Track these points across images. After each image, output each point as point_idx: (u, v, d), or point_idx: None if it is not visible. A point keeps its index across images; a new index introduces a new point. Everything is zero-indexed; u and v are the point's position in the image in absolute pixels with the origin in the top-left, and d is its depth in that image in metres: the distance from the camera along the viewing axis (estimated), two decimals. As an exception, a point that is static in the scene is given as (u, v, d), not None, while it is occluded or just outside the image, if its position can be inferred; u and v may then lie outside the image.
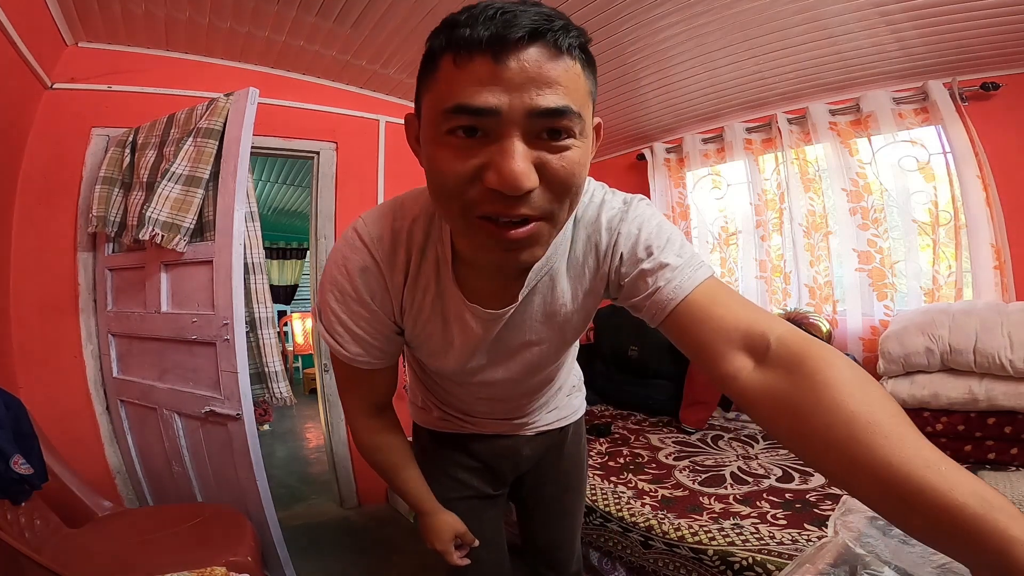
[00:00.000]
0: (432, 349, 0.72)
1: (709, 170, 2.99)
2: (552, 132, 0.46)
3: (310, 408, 4.71)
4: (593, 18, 1.89)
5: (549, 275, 0.66)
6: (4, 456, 1.25)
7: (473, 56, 0.43)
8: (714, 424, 2.33)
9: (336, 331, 0.66)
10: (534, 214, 0.48)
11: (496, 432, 0.93)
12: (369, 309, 0.65)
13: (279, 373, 1.94)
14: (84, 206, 1.98)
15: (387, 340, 0.69)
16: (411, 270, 0.65)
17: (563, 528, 1.06)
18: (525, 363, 0.75)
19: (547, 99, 0.44)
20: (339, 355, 0.68)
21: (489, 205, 0.47)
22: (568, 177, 0.47)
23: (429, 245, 0.64)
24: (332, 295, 0.65)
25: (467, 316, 0.66)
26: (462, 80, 0.44)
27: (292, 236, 6.78)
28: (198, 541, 1.39)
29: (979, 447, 1.70)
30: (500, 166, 0.44)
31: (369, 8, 1.89)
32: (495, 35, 0.42)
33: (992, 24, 1.85)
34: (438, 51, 0.47)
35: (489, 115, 0.44)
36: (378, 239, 0.63)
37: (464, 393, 0.86)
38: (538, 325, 0.70)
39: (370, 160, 2.69)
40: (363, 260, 0.63)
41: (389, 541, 2.24)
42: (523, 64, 0.43)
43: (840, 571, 0.74)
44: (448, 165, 0.47)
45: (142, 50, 2.12)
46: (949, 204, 2.19)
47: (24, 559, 1.07)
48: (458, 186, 0.47)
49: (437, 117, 0.47)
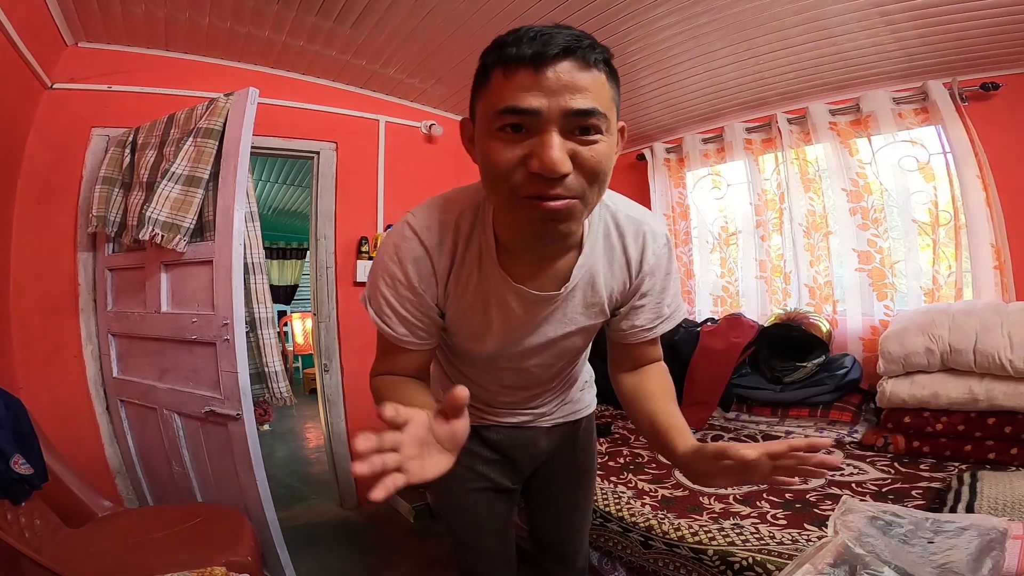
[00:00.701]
0: (471, 331, 0.79)
1: (709, 170, 2.99)
2: (583, 129, 0.56)
3: (310, 408, 4.71)
4: (593, 18, 1.89)
5: (589, 272, 0.76)
6: (4, 456, 1.25)
7: (518, 68, 0.55)
8: (714, 424, 2.33)
9: (385, 313, 0.74)
10: (568, 194, 0.58)
11: (515, 423, 0.97)
12: (416, 293, 0.73)
13: (279, 373, 1.94)
14: (84, 206, 1.98)
15: (431, 323, 0.77)
16: (457, 257, 0.73)
17: (573, 522, 1.08)
18: (560, 352, 0.84)
19: (578, 101, 0.54)
20: (387, 335, 0.76)
21: (532, 186, 0.57)
22: (596, 164, 0.58)
23: (474, 235, 0.73)
24: (383, 280, 0.73)
25: (509, 298, 0.74)
26: (510, 87, 0.55)
27: (292, 236, 6.78)
28: (198, 541, 1.39)
29: (979, 447, 1.70)
30: (541, 154, 0.55)
31: (369, 8, 1.89)
32: (536, 52, 0.54)
33: (992, 24, 1.84)
34: (490, 65, 0.58)
35: (532, 114, 0.54)
36: (427, 228, 0.72)
37: (491, 382, 0.91)
38: (579, 317, 0.79)
39: (370, 160, 2.69)
40: (413, 248, 0.71)
41: (389, 541, 2.25)
42: (558, 74, 0.54)
43: (840, 571, 0.74)
44: (499, 155, 0.57)
45: (142, 50, 2.12)
46: (949, 204, 2.19)
47: (24, 559, 1.07)
48: (507, 171, 0.57)
49: (490, 117, 0.58)
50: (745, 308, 2.78)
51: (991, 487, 1.27)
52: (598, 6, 1.83)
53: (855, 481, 1.60)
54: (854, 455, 1.84)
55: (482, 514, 0.95)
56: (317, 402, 2.67)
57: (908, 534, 0.86)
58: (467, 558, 0.99)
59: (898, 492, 1.49)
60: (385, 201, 2.72)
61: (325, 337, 2.55)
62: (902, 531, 0.87)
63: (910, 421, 1.82)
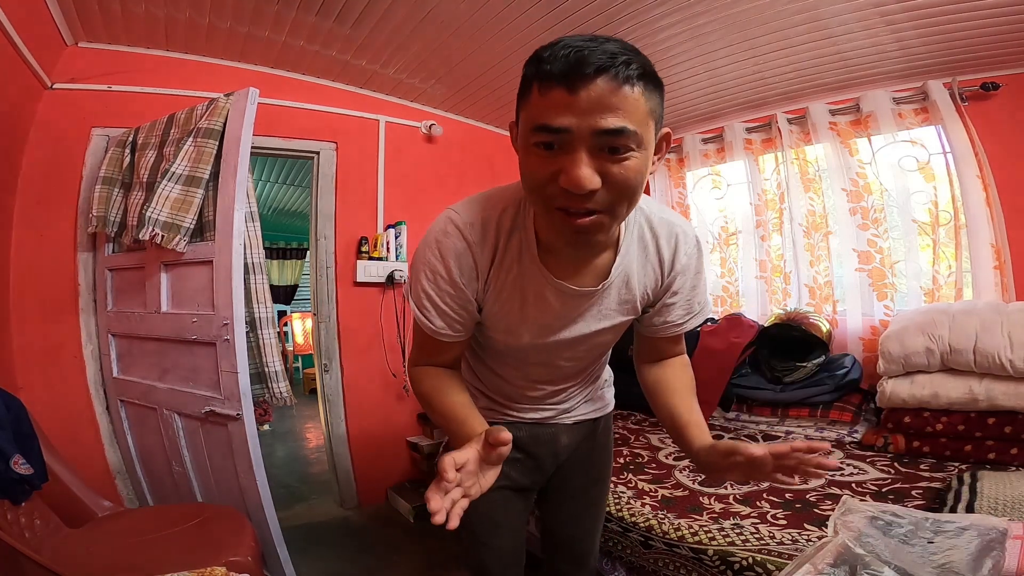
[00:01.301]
0: (508, 325, 0.82)
1: (709, 170, 2.99)
2: (612, 148, 0.58)
3: (310, 408, 4.71)
4: (593, 18, 1.89)
5: (625, 271, 0.80)
6: (4, 456, 1.25)
7: (552, 87, 0.57)
8: (714, 424, 2.33)
9: (424, 306, 0.77)
10: (597, 208, 0.61)
11: (537, 419, 0.98)
12: (456, 288, 0.76)
13: (279, 373, 1.94)
14: (84, 206, 1.98)
15: (468, 316, 0.80)
16: (498, 252, 0.76)
17: (587, 520, 1.08)
18: (591, 347, 0.88)
19: (608, 121, 0.56)
20: (425, 328, 0.79)
21: (562, 200, 0.61)
22: (624, 181, 0.60)
23: (515, 231, 0.76)
24: (424, 275, 0.76)
25: (548, 293, 0.77)
26: (544, 105, 0.58)
27: (292, 236, 6.78)
28: (198, 541, 1.39)
29: (979, 447, 1.70)
30: (569, 171, 0.58)
31: (369, 8, 1.89)
32: (569, 71, 0.55)
33: (992, 24, 1.85)
34: (530, 78, 0.61)
35: (563, 133, 0.57)
36: (470, 224, 0.75)
37: (519, 377, 0.93)
38: (613, 313, 0.83)
39: (370, 160, 2.69)
40: (455, 244, 0.74)
41: (389, 541, 2.24)
42: (590, 94, 0.55)
43: (840, 571, 0.74)
44: (534, 168, 0.62)
45: (142, 50, 2.12)
46: (949, 204, 2.19)
47: (24, 559, 1.07)
48: (540, 184, 0.62)
49: (527, 131, 0.62)
50: (745, 308, 2.78)
51: (991, 487, 1.27)
52: (598, 6, 1.83)
53: (855, 481, 1.60)
54: (854, 455, 1.84)
55: (499, 513, 0.95)
56: (317, 402, 2.67)
57: (908, 534, 0.86)
58: (479, 555, 1.00)
59: (898, 492, 1.49)
60: (385, 201, 2.72)
61: (325, 337, 2.55)
62: (902, 531, 0.87)
63: (910, 421, 1.82)
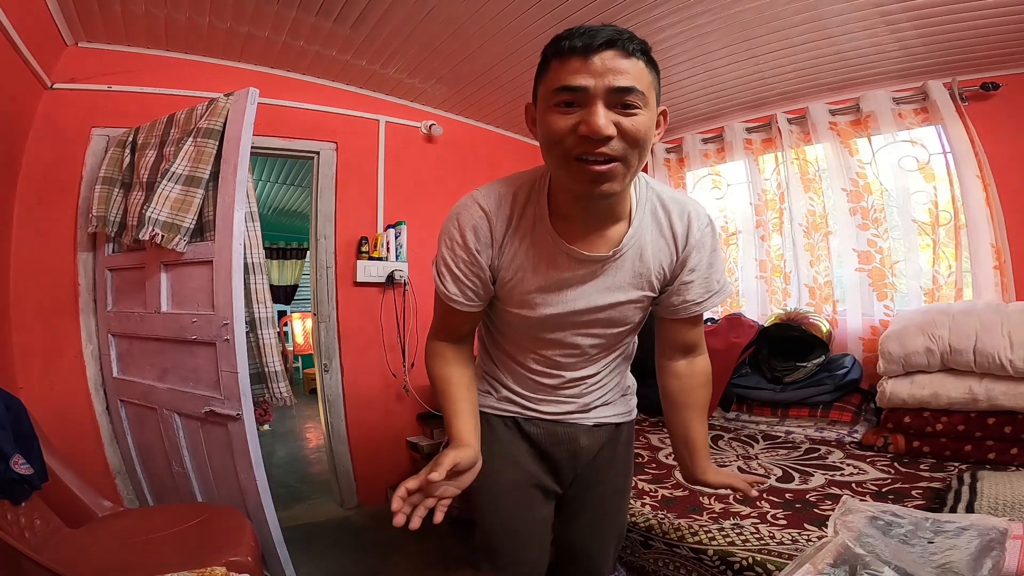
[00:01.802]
0: (522, 293, 0.86)
1: (709, 170, 3.00)
2: (624, 104, 0.67)
3: (310, 408, 4.71)
4: (593, 18, 1.89)
5: (638, 243, 0.84)
6: (4, 456, 1.25)
7: (571, 57, 0.67)
8: (714, 424, 2.33)
9: (441, 272, 0.86)
10: (613, 154, 0.69)
11: (555, 415, 0.97)
12: (470, 254, 0.83)
13: (279, 373, 1.94)
14: (84, 206, 1.98)
15: (480, 284, 0.86)
16: (513, 221, 0.83)
17: (605, 534, 1.05)
18: (608, 322, 0.89)
19: (620, 80, 0.66)
20: (439, 292, 0.87)
21: (581, 147, 0.69)
22: (636, 132, 0.68)
23: (529, 203, 0.83)
24: (444, 243, 0.85)
25: (560, 258, 0.83)
26: (564, 71, 0.68)
27: (292, 236, 6.78)
28: (198, 541, 1.39)
29: (979, 447, 1.70)
30: (588, 120, 0.67)
31: (369, 8, 1.89)
32: (584, 43, 0.67)
33: (992, 24, 1.85)
34: (549, 56, 0.71)
35: (581, 91, 0.67)
36: (487, 196, 0.83)
37: (536, 360, 0.94)
38: (627, 285, 0.86)
39: (370, 160, 2.69)
40: (473, 214, 0.82)
41: (389, 541, 2.24)
42: (603, 60, 0.66)
43: (840, 571, 0.74)
44: (555, 124, 0.69)
45: (142, 50, 2.12)
46: (949, 204, 2.19)
47: (24, 559, 1.07)
48: (561, 136, 0.69)
49: (548, 96, 0.70)
50: (745, 308, 2.78)
51: (991, 487, 1.27)
52: (598, 6, 1.83)
53: (855, 481, 1.60)
54: (854, 455, 1.84)
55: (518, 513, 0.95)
56: (317, 402, 2.67)
57: (908, 534, 0.86)
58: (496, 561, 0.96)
59: (898, 492, 1.49)
60: (385, 201, 2.72)
61: (325, 337, 2.55)
62: (902, 531, 0.87)
63: (910, 421, 1.82)
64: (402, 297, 2.71)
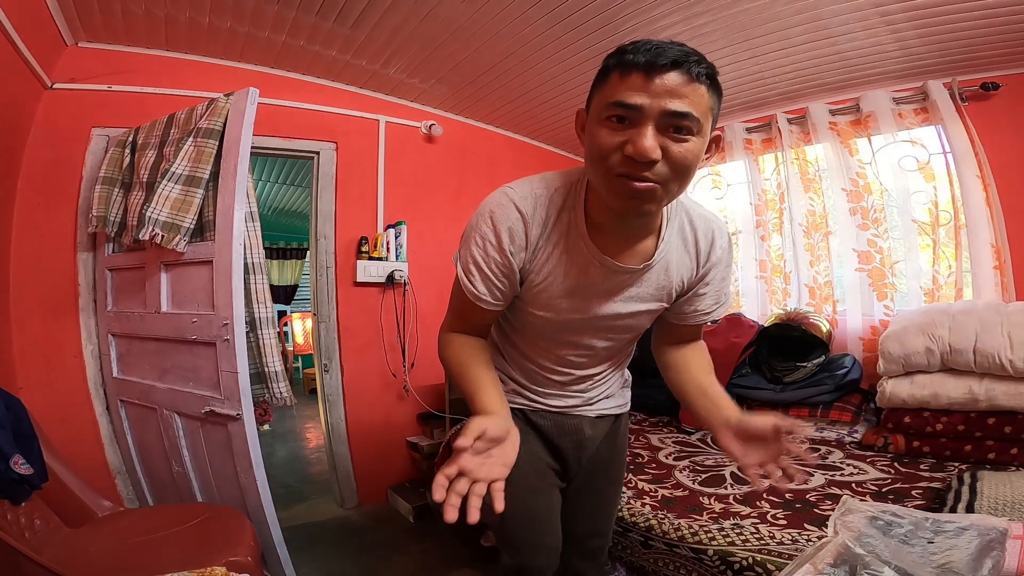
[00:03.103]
0: (549, 297, 0.86)
1: (709, 170, 2.99)
2: (676, 128, 0.66)
3: (310, 408, 4.71)
4: (593, 18, 1.89)
5: (666, 258, 0.86)
6: (4, 456, 1.25)
7: (632, 72, 0.66)
8: (714, 424, 2.33)
9: (470, 271, 0.83)
10: (655, 179, 0.68)
11: (562, 408, 1.01)
12: (503, 255, 0.81)
13: (279, 373, 1.94)
14: (84, 206, 1.98)
15: (509, 285, 0.85)
16: (548, 226, 0.82)
17: (602, 517, 1.12)
18: (624, 329, 0.92)
19: (675, 105, 0.65)
20: (467, 291, 0.84)
21: (625, 167, 0.68)
22: (682, 160, 0.67)
23: (565, 208, 0.82)
24: (474, 241, 0.82)
25: (591, 267, 0.83)
26: (622, 86, 0.66)
27: (292, 236, 6.77)
28: (198, 541, 1.39)
29: (979, 447, 1.70)
30: (636, 141, 0.65)
31: (369, 8, 1.89)
32: (649, 61, 0.64)
33: (992, 24, 1.85)
34: (611, 67, 0.69)
35: (635, 109, 0.65)
36: (524, 198, 0.81)
37: (548, 358, 0.96)
38: (649, 296, 0.88)
39: (370, 160, 2.69)
40: (509, 214, 0.80)
41: (389, 541, 2.24)
42: (664, 82, 0.64)
43: (840, 571, 0.75)
44: (604, 138, 0.69)
45: (142, 50, 2.12)
46: (949, 204, 2.19)
47: (24, 559, 1.07)
48: (607, 153, 0.68)
49: (602, 108, 0.69)
50: (745, 308, 2.78)
51: (991, 487, 1.27)
52: (598, 6, 1.83)
53: (855, 481, 1.60)
54: (854, 455, 1.84)
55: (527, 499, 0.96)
56: (317, 402, 2.67)
57: (908, 534, 0.86)
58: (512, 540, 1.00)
59: (898, 492, 1.49)
60: (385, 201, 2.72)
61: (325, 337, 2.55)
62: (902, 531, 0.87)
63: (910, 421, 1.82)
64: (402, 297, 2.71)
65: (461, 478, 0.62)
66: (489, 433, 0.67)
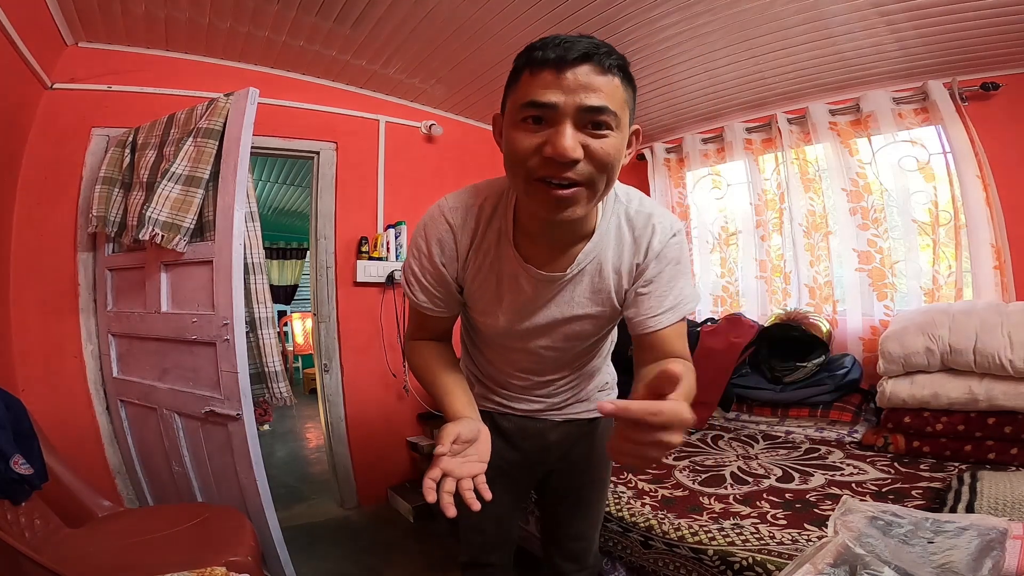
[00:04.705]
0: (485, 305, 0.87)
1: (709, 170, 2.99)
2: (595, 124, 0.63)
3: (310, 408, 4.71)
4: (593, 18, 1.89)
5: (597, 259, 0.82)
6: (4, 456, 1.25)
7: (542, 69, 0.63)
8: (714, 424, 2.33)
9: (410, 281, 0.87)
10: (578, 179, 0.65)
11: (526, 411, 1.02)
12: (435, 267, 0.83)
13: (279, 373, 1.94)
14: (84, 206, 1.98)
15: (447, 293, 0.87)
16: (477, 236, 0.82)
17: (585, 518, 1.11)
18: (567, 335, 0.89)
19: (591, 99, 0.62)
20: (409, 299, 0.89)
21: (545, 169, 0.65)
22: (604, 156, 0.65)
23: (495, 218, 0.82)
24: (412, 253, 0.85)
25: (520, 277, 0.82)
26: (534, 85, 0.64)
27: (292, 236, 6.77)
28: (198, 541, 1.39)
29: (979, 447, 1.70)
30: (555, 141, 0.62)
31: (369, 8, 1.89)
32: (558, 56, 0.62)
33: (992, 24, 1.85)
34: (520, 67, 0.67)
35: (550, 108, 0.62)
36: (454, 209, 0.82)
37: (505, 363, 0.97)
38: (585, 301, 0.85)
39: (370, 160, 2.69)
40: (439, 228, 0.82)
41: (389, 541, 2.25)
42: (576, 76, 0.62)
43: (840, 571, 0.75)
44: (520, 142, 0.65)
45: (142, 50, 2.12)
46: (949, 204, 2.19)
47: (24, 559, 1.07)
48: (525, 155, 0.65)
49: (515, 110, 0.66)
50: (745, 308, 2.78)
51: (991, 487, 1.27)
52: (599, 6, 1.83)
53: (855, 481, 1.60)
54: (854, 455, 1.84)
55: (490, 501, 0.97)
56: (317, 402, 2.67)
57: (908, 534, 0.86)
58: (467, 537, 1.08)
59: (898, 492, 1.49)
60: (385, 201, 2.72)
61: (325, 337, 2.55)
62: (902, 531, 0.87)
63: (910, 421, 1.82)
64: (402, 297, 2.71)
65: (446, 478, 0.64)
66: (462, 436, 0.70)
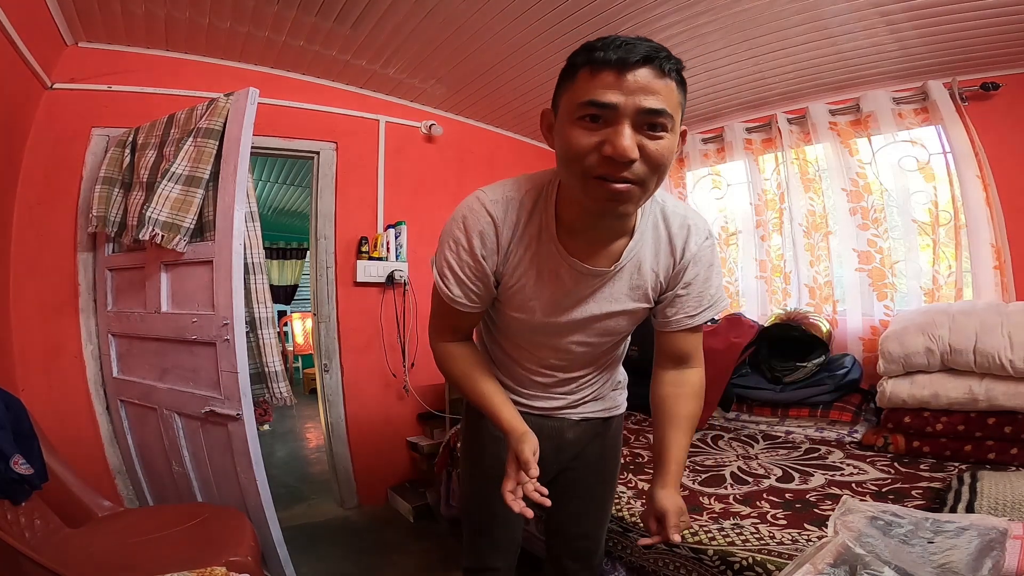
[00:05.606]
0: (522, 300, 0.87)
1: (709, 170, 2.99)
2: (651, 125, 0.65)
3: (310, 408, 4.71)
4: (593, 18, 1.89)
5: (637, 257, 0.85)
6: (4, 456, 1.25)
7: (603, 69, 0.64)
8: (714, 424, 2.33)
9: (445, 275, 0.85)
10: (633, 178, 0.67)
11: (544, 409, 1.01)
12: (476, 260, 0.82)
13: (279, 373, 1.94)
14: (84, 206, 1.98)
15: (484, 288, 0.86)
16: (519, 229, 0.82)
17: (593, 518, 1.12)
18: (601, 331, 0.91)
19: (650, 102, 0.64)
20: (443, 294, 0.86)
21: (603, 167, 0.67)
22: (659, 156, 0.67)
23: (536, 211, 0.82)
24: (447, 246, 0.83)
25: (562, 270, 0.83)
26: (594, 84, 0.65)
27: (292, 236, 6.78)
28: (198, 541, 1.39)
29: (979, 447, 1.70)
30: (614, 141, 0.64)
31: (369, 8, 1.89)
32: (620, 58, 0.63)
33: (992, 24, 1.85)
34: (579, 65, 0.68)
35: (610, 108, 0.64)
36: (495, 202, 0.82)
37: (530, 360, 0.97)
38: (623, 297, 0.87)
39: (370, 160, 2.69)
40: (480, 220, 0.81)
41: (389, 541, 2.25)
42: (636, 78, 0.64)
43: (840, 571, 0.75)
44: (578, 139, 0.67)
45: (142, 50, 2.12)
46: (949, 204, 2.19)
47: (24, 559, 1.07)
48: (582, 154, 0.67)
49: (572, 108, 0.67)
50: (745, 308, 2.78)
51: (991, 487, 1.27)
52: (598, 6, 1.83)
53: (855, 481, 1.60)
54: (854, 455, 1.84)
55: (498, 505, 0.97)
56: (317, 402, 2.67)
57: (908, 534, 0.86)
58: (477, 543, 1.08)
59: (898, 492, 1.49)
60: (385, 201, 2.72)
61: (325, 337, 2.55)
62: (902, 531, 0.87)
63: (910, 421, 1.82)
64: (402, 297, 2.71)
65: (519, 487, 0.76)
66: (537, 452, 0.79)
